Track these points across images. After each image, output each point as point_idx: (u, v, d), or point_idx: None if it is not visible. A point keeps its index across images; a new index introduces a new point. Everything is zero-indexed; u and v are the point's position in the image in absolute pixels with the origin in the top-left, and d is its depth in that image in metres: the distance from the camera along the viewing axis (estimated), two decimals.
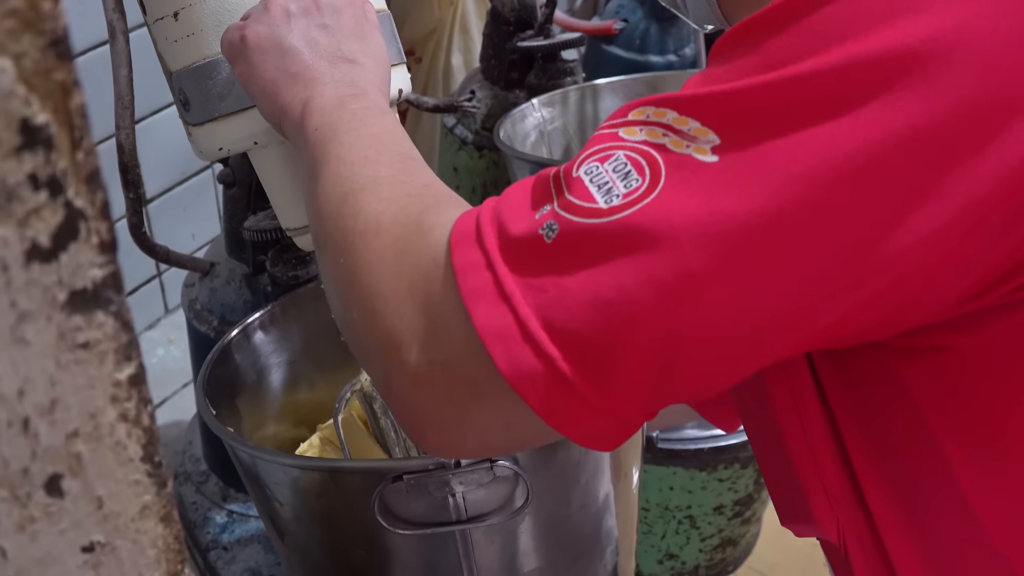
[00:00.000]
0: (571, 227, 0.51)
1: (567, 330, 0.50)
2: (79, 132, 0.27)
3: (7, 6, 0.25)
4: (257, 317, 1.03)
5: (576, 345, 0.50)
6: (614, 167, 0.51)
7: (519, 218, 0.53)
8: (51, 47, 0.26)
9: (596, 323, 0.49)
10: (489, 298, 0.52)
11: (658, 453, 1.29)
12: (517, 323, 0.51)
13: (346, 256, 0.59)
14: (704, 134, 0.50)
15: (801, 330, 0.51)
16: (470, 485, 0.78)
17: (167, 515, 0.35)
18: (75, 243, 0.28)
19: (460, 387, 0.53)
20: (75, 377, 0.30)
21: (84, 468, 0.31)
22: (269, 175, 0.91)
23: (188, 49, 0.85)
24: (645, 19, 1.96)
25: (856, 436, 0.59)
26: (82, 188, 0.28)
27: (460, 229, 0.55)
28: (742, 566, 1.51)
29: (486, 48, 1.53)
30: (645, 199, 0.50)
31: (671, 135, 0.51)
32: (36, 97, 0.26)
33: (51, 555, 0.32)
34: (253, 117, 0.84)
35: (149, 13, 0.87)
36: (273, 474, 0.86)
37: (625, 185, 0.50)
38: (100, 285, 0.29)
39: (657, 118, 0.52)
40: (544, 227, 0.51)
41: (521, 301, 0.51)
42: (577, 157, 0.54)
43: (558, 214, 0.51)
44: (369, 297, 0.57)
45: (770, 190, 0.48)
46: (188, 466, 1.30)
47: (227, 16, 0.84)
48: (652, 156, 0.51)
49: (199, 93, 0.85)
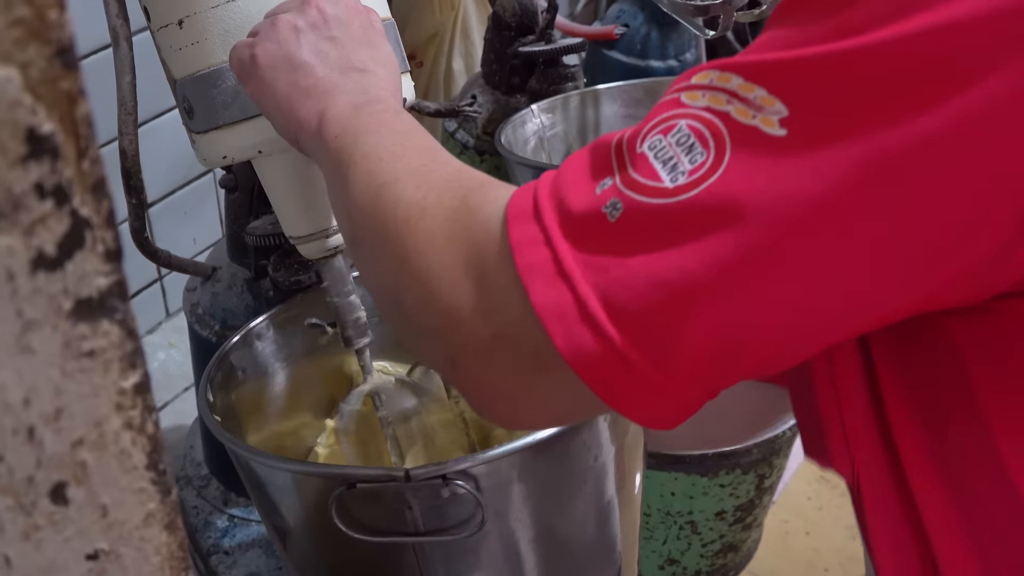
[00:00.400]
0: (635, 207, 0.49)
1: (628, 310, 0.49)
2: (85, 141, 0.27)
3: (13, 15, 0.25)
4: (259, 322, 1.03)
5: (637, 325, 0.49)
6: (677, 139, 0.49)
7: (579, 193, 0.51)
8: (57, 56, 0.26)
9: (658, 304, 0.48)
10: (547, 275, 0.51)
11: (660, 459, 1.29)
12: (576, 301, 0.50)
13: (392, 244, 0.58)
14: (771, 104, 0.48)
15: (873, 311, 0.50)
16: (424, 500, 0.77)
17: (171, 523, 0.35)
18: (81, 252, 0.28)
19: (524, 360, 0.53)
20: (80, 385, 0.30)
21: (89, 476, 0.31)
22: (273, 184, 0.91)
23: (193, 57, 0.85)
24: (646, 24, 1.96)
25: (894, 383, 0.58)
26: (88, 197, 0.28)
27: (517, 204, 0.54)
28: (743, 571, 1.51)
29: (487, 53, 1.53)
30: (711, 177, 0.48)
31: (735, 102, 0.49)
32: (42, 106, 0.26)
33: (55, 563, 0.32)
34: (258, 126, 0.84)
35: (153, 20, 0.87)
36: (276, 479, 0.85)
37: (690, 160, 0.49)
38: (106, 294, 0.29)
39: (721, 83, 0.50)
40: (607, 205, 0.50)
41: (581, 279, 0.50)
42: (641, 126, 0.52)
43: (622, 192, 0.50)
44: (424, 279, 0.56)
45: (844, 170, 0.46)
46: (189, 470, 1.30)
47: (232, 25, 0.83)
48: (716, 126, 0.49)
49: (203, 101, 0.85)
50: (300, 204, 0.90)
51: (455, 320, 0.54)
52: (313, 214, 0.90)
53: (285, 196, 0.90)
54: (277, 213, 0.93)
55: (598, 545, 0.92)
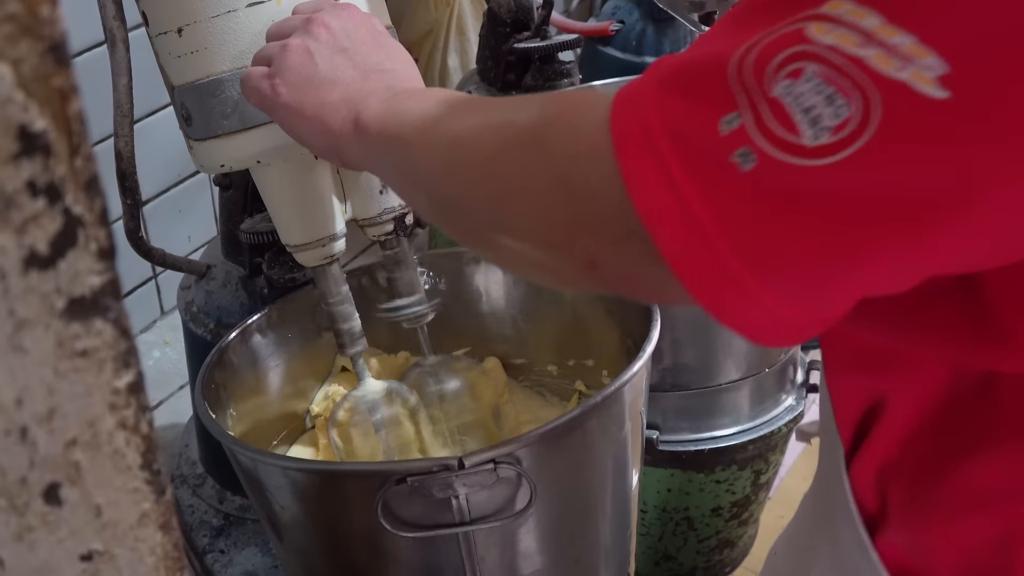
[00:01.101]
0: (771, 164, 0.43)
1: (769, 266, 0.45)
2: (77, 138, 0.27)
3: (5, 11, 0.25)
4: (254, 320, 1.03)
5: (786, 283, 0.45)
6: (815, 87, 0.42)
7: (699, 126, 0.45)
8: (50, 52, 0.26)
9: (810, 279, 0.45)
10: (676, 226, 0.46)
11: (656, 455, 1.29)
12: (711, 255, 0.45)
13: (493, 183, 0.56)
14: (922, 56, 0.40)
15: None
16: (473, 487, 0.78)
17: (166, 523, 0.35)
18: (73, 250, 0.28)
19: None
20: (73, 385, 0.30)
21: (82, 476, 0.31)
22: (271, 192, 0.90)
23: (192, 65, 0.84)
24: (641, 20, 1.96)
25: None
26: (81, 195, 0.28)
27: (623, 128, 0.47)
28: (739, 567, 1.51)
29: (482, 49, 1.52)
30: (857, 141, 0.41)
31: (873, 47, 0.41)
32: (34, 103, 0.26)
33: (49, 564, 0.32)
34: (257, 136, 0.84)
35: (151, 25, 0.86)
36: (273, 477, 0.85)
37: (834, 114, 0.42)
38: (99, 292, 0.29)
39: (854, 19, 0.42)
40: (738, 154, 0.44)
41: (714, 232, 0.45)
42: (756, 44, 0.44)
43: (754, 142, 0.44)
44: (549, 194, 0.52)
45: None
46: (184, 469, 1.30)
47: (232, 36, 0.83)
48: (856, 74, 0.41)
49: (202, 110, 0.85)
50: (298, 213, 0.90)
51: (587, 222, 0.50)
52: (311, 223, 0.91)
53: (283, 205, 0.90)
54: (274, 221, 0.93)
55: (619, 515, 0.95)
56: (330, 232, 0.91)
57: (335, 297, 0.94)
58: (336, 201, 0.92)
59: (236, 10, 0.82)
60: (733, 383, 1.27)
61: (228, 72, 0.83)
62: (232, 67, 0.83)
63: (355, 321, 0.95)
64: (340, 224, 0.92)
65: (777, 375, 1.30)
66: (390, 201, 0.93)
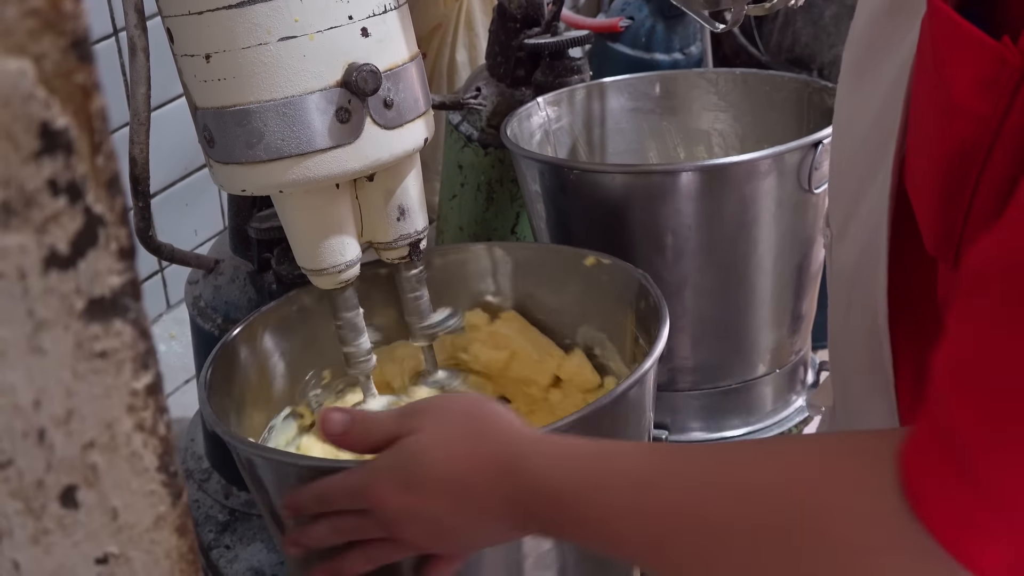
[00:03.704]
0: None
1: None
2: (99, 136, 0.27)
3: (28, 5, 0.25)
4: (261, 314, 1.02)
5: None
6: None
7: None
8: (72, 48, 0.25)
9: None
10: None
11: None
12: None
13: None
14: None
15: None
16: None
17: (182, 525, 0.34)
18: (94, 250, 0.27)
19: None
20: (92, 387, 0.29)
21: (99, 479, 0.31)
22: (291, 219, 0.90)
23: (218, 92, 0.83)
24: (651, 16, 1.95)
25: None
26: (101, 193, 0.27)
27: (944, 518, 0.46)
28: None
29: (492, 45, 1.52)
30: None
31: None
32: (56, 100, 0.25)
33: (64, 567, 0.31)
34: (281, 168, 0.83)
35: (177, 45, 0.84)
36: (276, 473, 0.85)
37: None
38: (118, 293, 0.28)
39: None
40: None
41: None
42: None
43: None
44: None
45: None
46: (190, 464, 1.29)
47: (262, 69, 0.81)
48: None
49: (226, 137, 0.83)
50: (317, 240, 0.90)
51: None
52: (328, 249, 0.90)
53: (302, 231, 0.90)
54: (292, 245, 0.92)
55: None
56: (347, 259, 0.91)
57: (346, 319, 0.94)
58: (353, 227, 0.92)
59: (267, 43, 0.81)
60: (743, 384, 1.26)
61: (256, 104, 0.81)
62: (260, 99, 0.81)
63: (364, 339, 0.95)
64: (356, 250, 0.92)
65: (788, 376, 1.29)
66: (407, 227, 0.93)
